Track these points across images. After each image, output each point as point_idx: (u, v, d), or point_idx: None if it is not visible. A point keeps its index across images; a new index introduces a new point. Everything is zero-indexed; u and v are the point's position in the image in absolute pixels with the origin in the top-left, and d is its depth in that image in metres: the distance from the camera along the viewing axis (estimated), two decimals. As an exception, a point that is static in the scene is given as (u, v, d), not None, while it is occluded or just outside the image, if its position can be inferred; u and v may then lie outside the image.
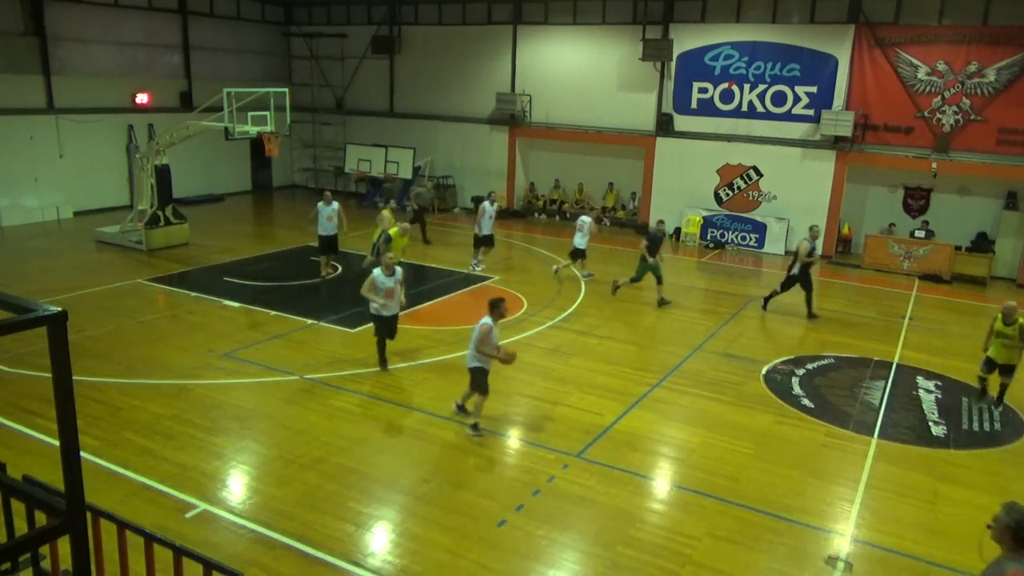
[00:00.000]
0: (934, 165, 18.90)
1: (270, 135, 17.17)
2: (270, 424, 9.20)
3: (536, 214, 24.42)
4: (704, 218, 21.57)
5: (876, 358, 12.58)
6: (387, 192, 25.26)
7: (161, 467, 7.99)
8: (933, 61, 18.70)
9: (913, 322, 14.90)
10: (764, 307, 14.92)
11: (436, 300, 14.79)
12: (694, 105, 21.66)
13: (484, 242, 16.93)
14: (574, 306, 14.66)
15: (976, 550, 7.22)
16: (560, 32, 23.21)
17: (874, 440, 9.51)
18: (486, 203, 16.97)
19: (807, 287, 14.45)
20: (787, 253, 20.67)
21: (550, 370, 11.34)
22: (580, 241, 16.30)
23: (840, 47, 19.62)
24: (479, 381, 8.96)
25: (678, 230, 22.11)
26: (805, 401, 10.63)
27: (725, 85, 21.09)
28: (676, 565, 6.77)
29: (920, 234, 19.26)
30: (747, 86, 20.88)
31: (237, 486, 7.81)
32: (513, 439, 9.27)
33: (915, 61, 18.90)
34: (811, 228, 14.77)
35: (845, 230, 20.67)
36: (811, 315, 14.55)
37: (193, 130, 17.61)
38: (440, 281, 16.17)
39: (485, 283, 16.09)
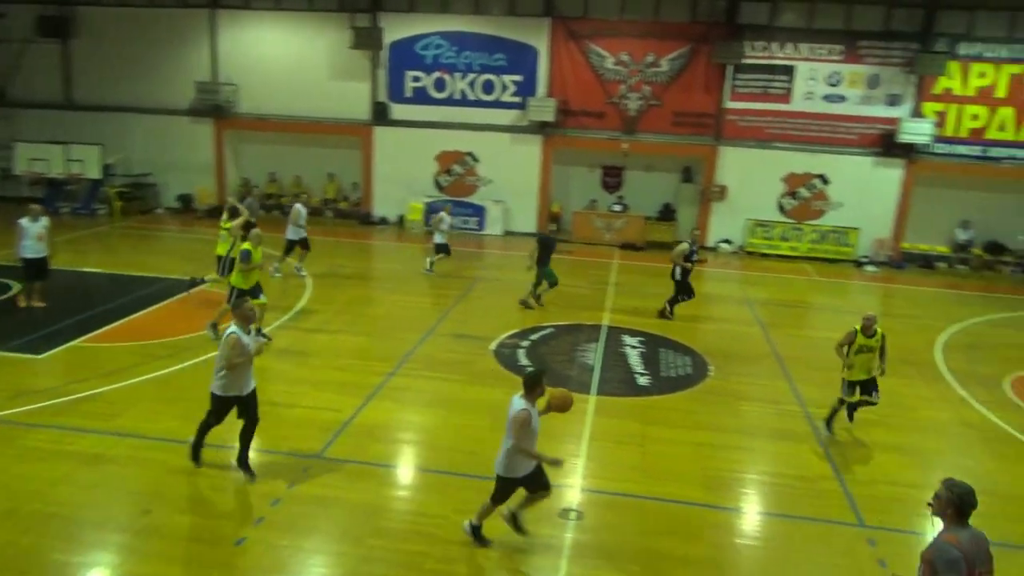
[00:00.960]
0: (625, 146, 21.18)
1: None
2: (-64, 480, 7.65)
3: (254, 210, 23.14)
4: (426, 204, 22.00)
5: (589, 323, 13.84)
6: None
7: None
8: (617, 52, 20.86)
9: (617, 287, 16.62)
10: (670, 316, 14.29)
11: (142, 312, 13.34)
12: (409, 94, 21.93)
13: (302, 244, 15.85)
14: (301, 304, 14.14)
15: (680, 481, 8.28)
16: (263, 17, 22.07)
17: (592, 397, 10.46)
18: (298, 204, 16.00)
19: (680, 292, 14.23)
20: (507, 233, 21.89)
21: (281, 372, 10.83)
22: (439, 237, 16.51)
23: (539, 38, 21.08)
24: (504, 490, 6.69)
25: (401, 218, 22.34)
26: (532, 370, 11.31)
27: (437, 74, 21.62)
28: (426, 546, 6.85)
29: (617, 208, 21.53)
30: (458, 75, 21.63)
31: None
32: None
33: (603, 52, 20.92)
34: (692, 231, 15.03)
35: (555, 208, 22.34)
36: (663, 314, 14.27)
37: None
38: (146, 290, 14.62)
39: (198, 287, 14.87)
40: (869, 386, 9.39)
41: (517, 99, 21.47)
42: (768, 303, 16.49)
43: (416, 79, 21.80)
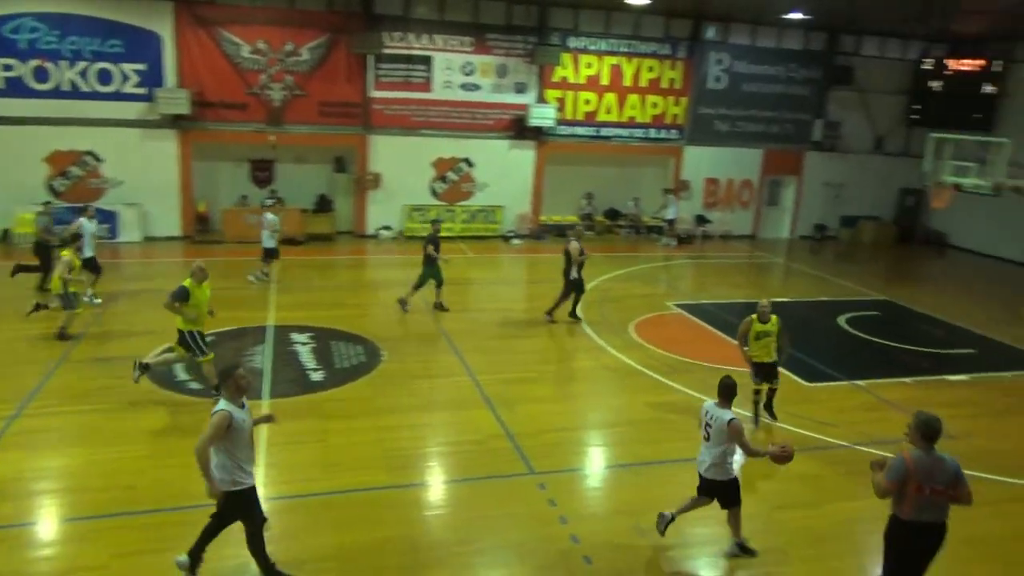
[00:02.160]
0: (272, 138, 20.31)
1: None
2: None
3: None
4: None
5: (253, 325, 13.09)
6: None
7: None
8: (254, 40, 19.79)
9: (279, 285, 15.97)
10: (549, 318, 14.22)
11: None
12: (1, 85, 18.45)
13: (90, 266, 13.90)
14: None
15: (364, 468, 8.24)
16: None
17: (265, 401, 9.92)
18: (83, 219, 14.11)
19: (580, 290, 14.29)
20: (147, 239, 19.69)
21: None
22: (268, 240, 15.73)
23: (162, 24, 19.09)
24: (734, 493, 6.98)
25: (5, 232, 18.85)
26: (192, 384, 10.41)
27: (36, 62, 18.50)
28: (81, 607, 5.91)
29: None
30: (64, 63, 18.71)
31: None
32: None
33: (237, 40, 19.69)
34: (575, 227, 14.82)
35: (201, 208, 20.67)
36: (574, 315, 14.34)
37: None
38: None
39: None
40: (771, 372, 9.74)
41: (143, 90, 19.27)
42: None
43: (8, 68, 18.36)
